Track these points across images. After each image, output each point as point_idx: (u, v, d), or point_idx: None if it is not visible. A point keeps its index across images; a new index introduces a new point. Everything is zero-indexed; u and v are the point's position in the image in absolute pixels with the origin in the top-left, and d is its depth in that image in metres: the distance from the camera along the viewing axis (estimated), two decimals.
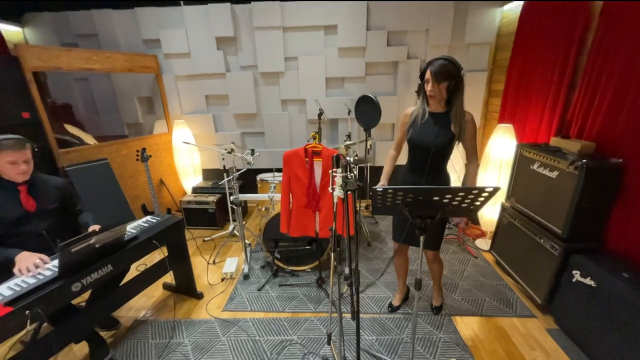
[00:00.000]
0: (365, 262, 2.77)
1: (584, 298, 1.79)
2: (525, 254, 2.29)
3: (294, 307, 2.22)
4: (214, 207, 3.35)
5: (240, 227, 2.57)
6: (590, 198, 1.83)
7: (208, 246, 3.14)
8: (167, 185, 3.71)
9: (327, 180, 2.14)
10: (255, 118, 3.74)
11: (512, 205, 2.48)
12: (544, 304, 2.07)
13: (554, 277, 1.99)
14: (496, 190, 1.12)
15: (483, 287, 2.40)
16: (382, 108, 2.58)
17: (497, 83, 3.36)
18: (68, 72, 2.86)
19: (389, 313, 2.15)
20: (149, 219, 2.12)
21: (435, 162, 1.72)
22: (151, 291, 2.42)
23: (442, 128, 1.67)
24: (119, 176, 3.13)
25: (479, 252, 2.87)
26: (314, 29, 3.35)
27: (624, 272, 1.67)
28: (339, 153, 1.22)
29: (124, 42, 3.45)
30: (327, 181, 2.14)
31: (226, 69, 3.51)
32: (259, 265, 2.74)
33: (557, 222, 1.99)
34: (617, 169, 1.79)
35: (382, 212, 1.37)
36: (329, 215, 2.21)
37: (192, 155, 3.70)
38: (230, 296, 2.36)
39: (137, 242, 1.82)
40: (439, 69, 1.55)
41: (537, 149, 2.20)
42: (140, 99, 3.61)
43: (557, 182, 2.00)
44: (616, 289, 1.61)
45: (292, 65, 3.49)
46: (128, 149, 3.25)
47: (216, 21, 3.30)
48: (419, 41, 3.36)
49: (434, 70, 1.56)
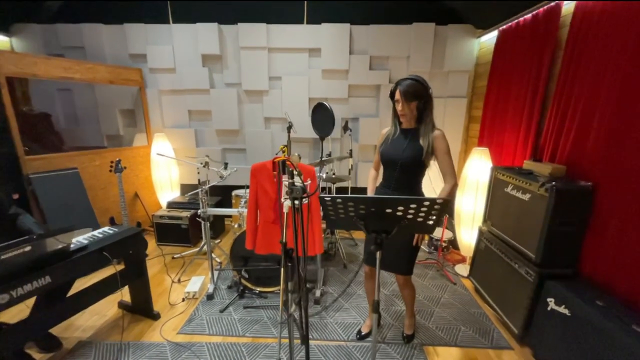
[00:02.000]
0: (339, 285, 2.63)
1: (559, 328, 1.68)
2: (501, 281, 2.20)
3: (255, 332, 2.06)
4: (187, 223, 3.23)
5: (208, 243, 2.45)
6: (562, 221, 1.77)
7: (177, 264, 2.98)
8: (141, 199, 3.59)
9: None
10: (237, 134, 3.73)
11: (488, 229, 2.42)
12: (520, 334, 1.95)
13: (530, 305, 1.89)
14: (446, 202, 1.06)
15: (460, 315, 2.27)
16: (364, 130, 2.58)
17: (476, 109, 3.42)
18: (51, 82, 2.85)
19: (356, 341, 2.00)
20: (105, 230, 2.01)
21: (403, 176, 1.69)
22: (104, 309, 2.24)
23: (411, 142, 1.66)
24: (90, 187, 3.03)
25: (457, 279, 2.75)
26: (298, 50, 3.44)
27: (598, 300, 1.58)
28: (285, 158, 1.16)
29: (110, 55, 3.49)
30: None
31: (210, 86, 3.54)
32: (226, 285, 2.58)
33: (531, 246, 1.92)
34: (587, 192, 1.76)
35: (338, 225, 1.30)
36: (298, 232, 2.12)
37: (170, 169, 3.63)
38: (189, 317, 2.19)
39: (84, 252, 1.70)
40: (407, 89, 1.58)
41: (510, 172, 2.18)
42: (122, 111, 3.59)
43: (530, 205, 1.96)
44: (590, 318, 1.51)
45: (276, 84, 3.54)
46: (102, 159, 3.18)
47: (203, 39, 3.37)
48: (400, 67, 3.45)
49: (402, 90, 1.59)
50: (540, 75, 2.32)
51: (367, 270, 1.96)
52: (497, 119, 2.87)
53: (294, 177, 1.12)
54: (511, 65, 2.69)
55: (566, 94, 2.06)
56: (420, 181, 1.75)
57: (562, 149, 2.07)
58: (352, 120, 3.59)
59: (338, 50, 3.38)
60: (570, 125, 2.01)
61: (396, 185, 1.71)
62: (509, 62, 2.74)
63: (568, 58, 2.06)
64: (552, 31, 2.22)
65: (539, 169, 2.05)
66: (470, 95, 3.51)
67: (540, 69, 2.33)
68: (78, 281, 1.92)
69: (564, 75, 2.09)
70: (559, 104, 2.12)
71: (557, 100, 2.14)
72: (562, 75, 2.11)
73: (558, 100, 2.13)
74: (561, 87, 2.12)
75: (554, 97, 2.17)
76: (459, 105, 3.49)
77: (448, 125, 3.50)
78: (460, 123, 3.54)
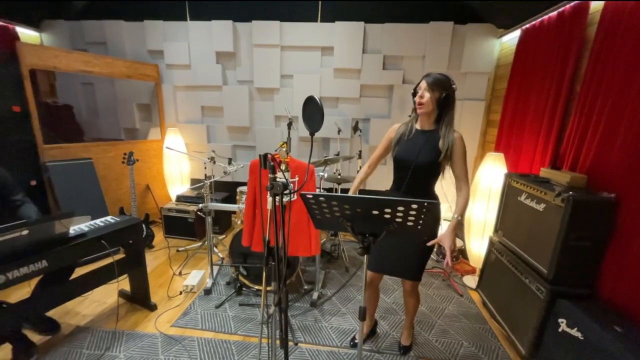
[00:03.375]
0: (338, 289, 2.55)
1: (570, 352, 1.53)
2: (511, 296, 2.04)
3: (247, 330, 2.03)
4: (194, 217, 3.27)
5: (209, 238, 2.45)
6: (578, 235, 1.62)
7: (181, 256, 3.01)
8: (152, 192, 3.68)
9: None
10: (247, 131, 3.74)
11: (499, 240, 2.26)
12: (527, 355, 1.80)
13: (539, 325, 1.74)
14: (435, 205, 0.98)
15: (463, 330, 2.13)
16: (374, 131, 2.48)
17: (495, 113, 3.24)
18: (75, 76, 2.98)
19: (349, 348, 1.92)
20: (107, 219, 2.05)
21: (416, 179, 1.58)
22: (105, 297, 2.29)
23: (428, 145, 1.55)
24: (103, 177, 3.13)
25: (465, 290, 2.60)
26: (311, 49, 3.40)
27: (616, 325, 1.42)
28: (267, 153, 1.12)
29: (130, 51, 3.61)
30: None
31: (223, 82, 3.58)
32: (225, 281, 2.58)
33: (544, 260, 1.77)
34: (609, 205, 1.60)
35: (325, 226, 1.24)
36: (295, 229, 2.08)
37: (180, 164, 3.69)
38: (185, 311, 2.19)
39: (83, 239, 1.73)
40: (433, 79, 1.50)
41: (525, 179, 2.03)
42: (139, 106, 3.71)
43: (544, 216, 1.81)
44: (606, 345, 1.36)
45: (288, 82, 3.52)
46: (116, 151, 3.28)
47: (218, 37, 3.41)
48: (415, 67, 3.33)
49: (428, 80, 1.51)
50: (564, 76, 2.15)
51: (369, 277, 1.78)
52: (515, 123, 2.70)
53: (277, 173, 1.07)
54: (533, 66, 2.52)
55: (591, 97, 1.89)
56: (434, 184, 1.64)
57: (584, 156, 1.90)
58: (363, 121, 3.50)
59: (351, 49, 3.31)
60: (595, 130, 1.83)
61: (407, 188, 1.60)
62: (531, 63, 2.57)
63: (595, 58, 1.89)
64: (578, 29, 2.05)
65: (556, 177, 1.89)
66: (489, 98, 3.33)
67: (564, 69, 2.16)
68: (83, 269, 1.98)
69: (590, 76, 1.92)
70: (584, 108, 1.94)
71: (581, 103, 1.97)
72: (587, 76, 1.94)
73: (582, 104, 1.96)
74: (586, 89, 1.94)
75: (578, 100, 2.00)
76: (476, 109, 3.32)
77: (464, 129, 3.34)
78: (477, 127, 3.37)
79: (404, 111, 3.37)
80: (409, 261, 1.66)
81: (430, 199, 1.61)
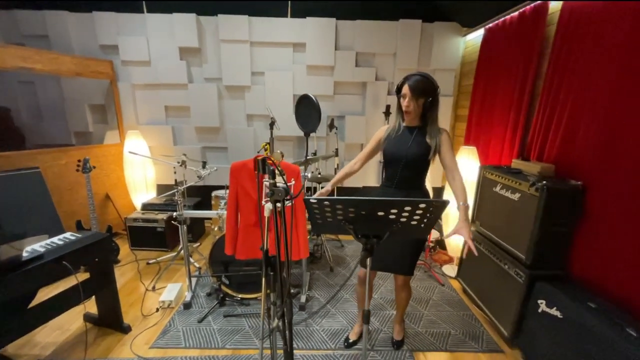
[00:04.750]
0: (326, 290, 2.52)
1: (551, 330, 1.64)
2: (491, 282, 2.16)
3: (236, 343, 1.92)
4: (163, 226, 3.03)
5: (185, 248, 2.28)
6: (553, 221, 1.74)
7: (152, 270, 2.78)
8: (113, 201, 3.35)
9: None
10: (218, 132, 3.55)
11: (477, 230, 2.38)
12: (510, 336, 1.91)
13: (520, 307, 1.85)
14: (445, 204, 0.98)
15: (449, 318, 2.21)
16: (350, 128, 2.48)
17: (462, 108, 3.40)
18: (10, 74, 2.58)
19: (344, 349, 1.90)
20: (67, 236, 1.82)
21: (407, 173, 1.63)
22: (67, 323, 2.04)
23: (417, 140, 1.61)
24: (54, 188, 2.77)
25: (445, 279, 2.71)
26: (282, 45, 3.30)
27: (590, 301, 1.55)
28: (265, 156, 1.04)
29: (78, 45, 3.23)
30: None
31: (189, 80, 3.35)
32: (205, 292, 2.42)
33: (521, 247, 1.88)
34: (578, 192, 1.73)
35: (325, 229, 1.19)
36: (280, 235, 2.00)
37: (145, 169, 3.40)
38: (164, 329, 2.02)
39: (40, 262, 1.51)
40: (416, 84, 1.53)
41: (499, 171, 2.14)
42: (92, 106, 3.34)
43: (519, 205, 1.92)
44: (583, 320, 1.48)
45: (259, 80, 3.38)
46: (69, 158, 2.93)
47: (180, 31, 3.18)
48: (386, 64, 3.38)
49: (411, 85, 1.53)
50: (528, 73, 2.30)
51: (362, 274, 1.82)
52: (483, 117, 2.85)
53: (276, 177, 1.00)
54: (497, 63, 2.67)
55: (554, 92, 2.04)
56: (424, 178, 1.70)
57: (549, 147, 2.05)
58: (338, 118, 3.49)
59: (323, 45, 3.26)
60: (559, 123, 1.98)
61: (399, 183, 1.64)
62: (495, 61, 2.71)
63: (556, 56, 2.04)
64: (539, 29, 2.20)
65: (527, 168, 2.02)
66: (456, 94, 3.48)
67: (527, 67, 2.30)
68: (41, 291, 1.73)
69: (552, 72, 2.06)
70: (547, 102, 2.09)
71: (544, 98, 2.12)
72: (549, 72, 2.09)
73: (546, 98, 2.11)
74: (549, 84, 2.09)
75: (542, 95, 2.15)
76: (444, 104, 3.45)
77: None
78: (446, 122, 3.51)
79: (378, 108, 3.40)
80: (403, 257, 1.68)
81: (422, 193, 1.66)
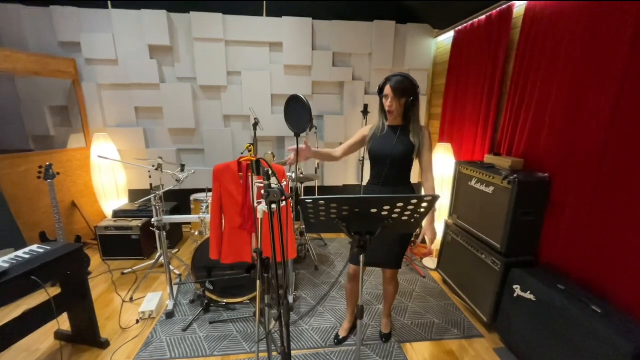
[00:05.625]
0: (311, 288, 2.53)
1: (525, 313, 1.77)
2: (469, 271, 2.28)
3: (225, 349, 1.88)
4: (139, 233, 2.88)
5: (165, 255, 2.19)
6: (524, 212, 1.87)
7: (128, 280, 2.63)
8: (80, 209, 3.14)
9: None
10: (193, 134, 3.43)
11: (454, 222, 2.50)
12: (489, 321, 2.03)
13: (497, 293, 1.97)
14: (435, 199, 1.02)
15: (432, 309, 2.31)
16: (329, 128, 2.51)
17: (436, 107, 3.54)
18: None
19: (335, 346, 1.92)
20: (33, 249, 1.67)
21: (393, 172, 1.68)
22: (36, 344, 1.88)
23: (401, 139, 1.66)
24: (12, 198, 2.56)
25: (426, 272, 2.82)
26: (258, 44, 3.26)
27: (559, 284, 1.68)
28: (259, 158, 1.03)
29: (35, 42, 2.98)
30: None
31: (161, 80, 3.20)
32: (188, 299, 2.34)
33: (496, 236, 2.01)
34: (545, 183, 1.88)
35: (318, 228, 1.20)
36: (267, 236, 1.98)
37: (115, 174, 3.21)
38: (146, 341, 1.93)
39: (5, 279, 1.38)
40: (397, 85, 1.58)
41: (473, 166, 2.26)
42: (53, 108, 3.10)
43: (494, 197, 2.04)
44: (554, 301, 1.60)
45: (236, 79, 3.31)
46: (28, 164, 2.70)
47: (150, 28, 3.03)
48: (363, 64, 3.44)
49: (393, 85, 1.59)
50: (496, 73, 2.44)
51: (352, 271, 1.86)
52: (456, 115, 2.99)
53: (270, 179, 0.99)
54: (468, 64, 2.81)
55: (520, 91, 2.19)
56: (409, 175, 1.75)
57: (518, 143, 2.20)
58: (317, 118, 3.50)
59: (300, 45, 3.26)
60: (525, 120, 2.13)
61: (386, 180, 1.69)
62: (465, 62, 2.86)
63: (520, 57, 2.19)
64: (505, 32, 2.35)
65: (499, 162, 2.15)
66: (429, 93, 3.62)
67: (495, 67, 2.45)
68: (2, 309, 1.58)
69: (517, 73, 2.21)
70: (514, 101, 2.24)
71: (511, 97, 2.27)
72: (515, 73, 2.24)
73: (512, 97, 2.26)
74: (515, 84, 2.24)
75: (509, 94, 2.30)
76: None
77: None
78: (421, 121, 3.63)
79: (356, 107, 3.46)
80: (391, 252, 1.73)
81: (409, 189, 1.72)
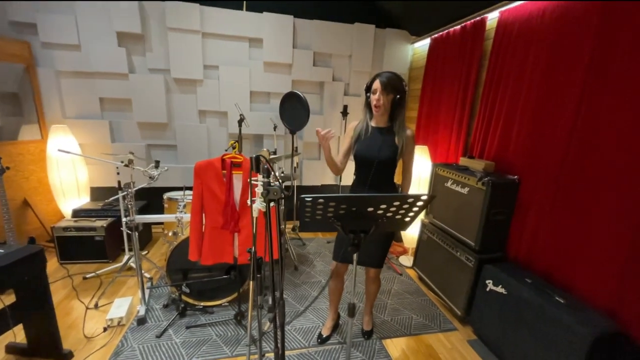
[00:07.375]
0: (292, 289, 2.51)
1: (497, 306, 1.89)
2: (444, 268, 2.39)
3: (204, 354, 1.80)
4: (103, 234, 2.66)
5: (137, 257, 2.05)
6: (496, 211, 2.00)
7: (91, 285, 2.42)
8: (33, 208, 2.83)
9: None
10: (165, 128, 3.25)
11: (430, 222, 2.61)
12: (463, 315, 2.15)
13: (471, 288, 2.09)
14: (432, 198, 1.06)
15: (410, 305, 2.39)
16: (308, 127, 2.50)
17: (411, 110, 3.66)
18: None
19: (318, 345, 1.92)
20: None
21: (379, 174, 1.68)
22: None
23: (386, 141, 1.66)
24: None
25: (403, 269, 2.91)
26: (237, 39, 3.16)
27: (527, 278, 1.82)
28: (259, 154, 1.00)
29: None
30: (248, 197, 1.87)
31: (130, 70, 2.99)
32: (162, 304, 2.21)
33: (470, 235, 2.13)
34: (514, 185, 2.03)
35: (312, 227, 1.19)
36: (250, 236, 1.92)
37: (75, 170, 2.94)
38: (116, 351, 1.78)
39: None
40: (387, 81, 1.59)
41: (449, 168, 2.38)
42: (1, 96, 2.77)
43: (468, 198, 2.16)
44: (523, 294, 1.73)
45: (213, 74, 3.19)
46: None
47: (118, 13, 2.82)
48: (342, 65, 3.48)
49: (382, 81, 1.59)
50: (469, 81, 2.59)
51: (336, 268, 1.86)
52: (431, 119, 3.12)
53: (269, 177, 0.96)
54: (443, 71, 2.95)
55: (491, 99, 2.34)
56: (393, 177, 1.77)
57: (489, 146, 2.35)
58: None
59: (281, 42, 3.22)
60: (496, 125, 2.28)
61: (372, 183, 1.69)
62: (440, 68, 3.00)
63: (492, 67, 2.34)
64: (478, 42, 2.50)
65: (473, 164, 2.28)
66: None
67: (468, 75, 2.60)
68: None
69: (489, 82, 2.37)
70: (486, 107, 2.39)
71: (484, 103, 2.42)
72: (487, 81, 2.39)
73: (485, 103, 2.41)
74: (487, 92, 2.39)
75: (481, 101, 2.45)
76: None
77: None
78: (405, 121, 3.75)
79: (335, 108, 3.49)
80: (375, 250, 1.75)
81: (393, 190, 1.76)
